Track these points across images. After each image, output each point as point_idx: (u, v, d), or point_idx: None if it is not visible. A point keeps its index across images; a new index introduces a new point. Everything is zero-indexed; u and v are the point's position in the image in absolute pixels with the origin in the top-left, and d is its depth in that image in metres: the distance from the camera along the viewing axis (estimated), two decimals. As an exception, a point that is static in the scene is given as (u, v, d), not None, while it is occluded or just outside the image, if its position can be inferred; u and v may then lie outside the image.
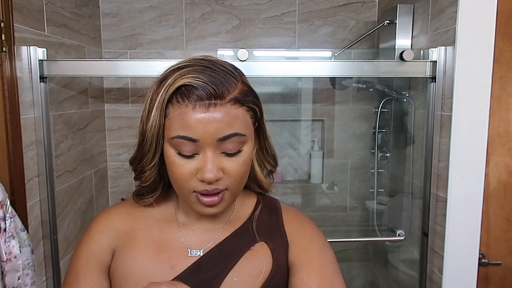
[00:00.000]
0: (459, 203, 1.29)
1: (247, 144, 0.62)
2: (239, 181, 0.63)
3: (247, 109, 0.62)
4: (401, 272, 1.72)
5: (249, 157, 0.63)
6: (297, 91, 2.02)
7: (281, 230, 0.72)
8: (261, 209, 0.74)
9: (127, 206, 0.74)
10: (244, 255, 0.67)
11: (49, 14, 1.35)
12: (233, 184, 0.62)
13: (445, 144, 1.31)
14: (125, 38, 1.88)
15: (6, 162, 1.10)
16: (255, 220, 0.71)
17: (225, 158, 0.61)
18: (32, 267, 1.09)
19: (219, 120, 0.57)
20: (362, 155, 2.03)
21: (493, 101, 1.25)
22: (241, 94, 0.61)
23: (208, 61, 0.62)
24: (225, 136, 0.58)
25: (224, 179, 0.61)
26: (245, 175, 0.64)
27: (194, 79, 0.58)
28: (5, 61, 1.09)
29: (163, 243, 0.68)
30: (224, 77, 0.59)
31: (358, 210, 2.06)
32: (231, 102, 0.59)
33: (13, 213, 1.05)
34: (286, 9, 1.92)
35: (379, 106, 1.86)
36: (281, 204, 0.77)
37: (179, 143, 0.59)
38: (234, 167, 0.61)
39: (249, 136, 0.62)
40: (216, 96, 0.58)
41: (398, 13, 1.58)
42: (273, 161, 0.74)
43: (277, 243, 0.70)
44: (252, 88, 0.65)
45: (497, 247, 1.33)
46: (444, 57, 1.31)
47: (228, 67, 0.62)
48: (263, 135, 0.69)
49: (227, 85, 0.59)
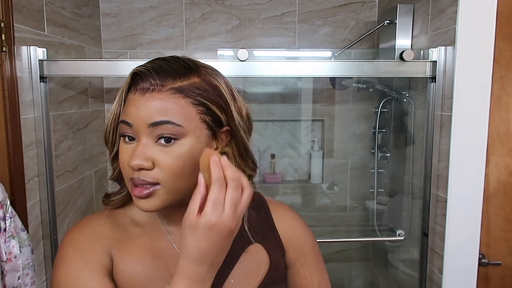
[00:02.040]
0: (459, 203, 1.29)
1: (187, 138, 0.59)
2: (175, 176, 0.58)
3: (194, 102, 0.59)
4: (401, 272, 1.72)
5: (189, 153, 0.59)
6: (297, 91, 2.02)
7: (273, 229, 0.73)
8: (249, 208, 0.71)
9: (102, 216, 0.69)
10: (240, 258, 0.67)
11: (49, 14, 1.35)
12: (165, 179, 0.58)
13: (445, 144, 1.31)
14: (125, 38, 1.88)
15: (6, 162, 1.10)
16: (245, 220, 0.69)
17: (159, 149, 0.58)
18: (32, 267, 1.09)
19: (151, 106, 0.57)
20: (362, 155, 2.03)
21: (493, 101, 1.25)
22: (189, 87, 0.59)
23: (173, 57, 0.63)
24: (156, 122, 0.57)
25: (154, 172, 0.58)
26: (181, 172, 0.59)
27: (142, 68, 0.60)
28: (5, 61, 1.09)
29: (157, 250, 0.67)
30: (173, 68, 0.60)
31: (358, 210, 2.07)
32: (171, 91, 0.58)
33: (13, 213, 1.05)
34: (286, 9, 1.92)
35: (379, 106, 1.86)
36: (266, 199, 0.77)
37: (121, 128, 0.60)
38: (166, 159, 0.58)
39: (190, 130, 0.59)
40: (155, 83, 0.58)
41: (398, 13, 1.58)
42: (252, 165, 0.70)
43: (272, 243, 0.71)
44: (219, 88, 0.62)
45: (497, 247, 1.33)
46: (444, 57, 1.31)
47: (188, 61, 0.62)
48: (237, 138, 0.65)
49: (172, 75, 0.59)
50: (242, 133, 0.65)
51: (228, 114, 0.63)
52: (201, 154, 0.56)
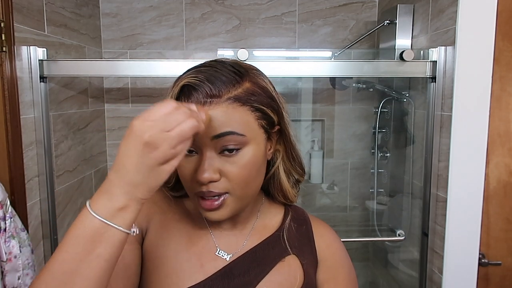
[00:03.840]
0: (459, 203, 1.29)
1: (250, 146, 0.59)
2: (242, 185, 0.60)
3: (251, 109, 0.59)
4: (401, 272, 1.72)
5: (253, 159, 0.60)
6: (297, 91, 2.02)
7: (311, 244, 0.71)
8: (291, 218, 0.72)
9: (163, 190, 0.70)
10: (276, 265, 0.66)
11: (49, 14, 1.35)
12: (234, 188, 0.59)
13: (445, 144, 1.31)
14: (125, 38, 1.88)
15: (6, 162, 1.10)
16: (285, 230, 0.70)
17: (224, 160, 0.58)
18: (32, 267, 1.09)
19: (213, 118, 0.57)
20: (362, 155, 2.03)
21: (493, 101, 1.25)
22: (244, 93, 0.59)
23: (217, 62, 0.61)
24: (219, 134, 0.57)
25: (222, 182, 0.59)
26: (248, 179, 0.60)
27: (193, 79, 0.58)
28: (5, 61, 1.09)
29: (195, 236, 0.67)
30: (225, 75, 0.59)
31: (358, 210, 2.06)
32: (230, 101, 0.58)
33: (13, 213, 1.05)
34: (286, 9, 1.92)
35: (379, 106, 1.86)
36: (309, 215, 0.76)
37: None
38: (232, 169, 0.58)
39: (251, 138, 0.59)
40: (212, 95, 0.57)
41: (398, 13, 1.58)
42: (300, 169, 0.71)
43: (308, 258, 0.69)
44: (268, 89, 0.63)
45: (497, 247, 1.33)
46: (444, 57, 1.31)
47: (235, 66, 0.61)
48: (287, 141, 0.66)
49: (227, 84, 0.58)
50: (290, 130, 0.66)
51: (279, 114, 0.64)
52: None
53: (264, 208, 0.73)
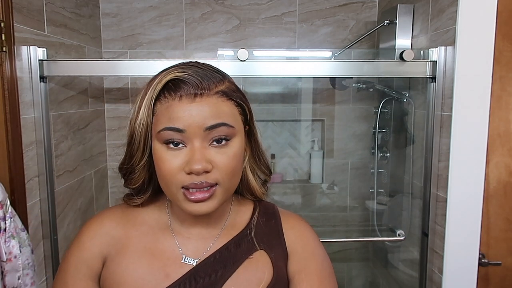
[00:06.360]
0: (459, 203, 1.29)
1: (237, 138, 0.62)
2: (230, 175, 0.61)
3: (235, 103, 0.62)
4: (401, 272, 1.72)
5: (239, 151, 0.62)
6: (297, 91, 2.02)
7: (281, 238, 0.71)
8: (258, 214, 0.72)
9: (120, 210, 0.72)
10: (243, 263, 0.66)
11: (49, 14, 1.35)
12: (223, 178, 0.60)
13: (445, 144, 1.31)
14: (125, 38, 1.88)
15: (6, 162, 1.10)
16: (253, 227, 0.70)
17: (214, 151, 0.60)
18: (32, 267, 1.09)
19: (206, 109, 0.58)
20: (362, 155, 2.03)
21: (493, 101, 1.25)
22: (228, 90, 0.62)
23: (195, 62, 0.64)
24: (213, 125, 0.59)
25: (213, 173, 0.59)
26: (235, 170, 0.62)
27: (180, 73, 0.60)
28: (5, 61, 1.09)
29: (157, 251, 0.67)
30: (210, 73, 0.61)
31: (358, 210, 2.06)
32: (218, 94, 0.60)
33: (13, 213, 1.05)
34: (286, 9, 1.92)
35: (379, 106, 1.86)
36: (279, 209, 0.76)
37: (166, 136, 0.59)
38: (223, 159, 0.60)
39: (238, 130, 0.62)
40: (202, 87, 0.59)
41: (398, 13, 1.58)
42: (266, 170, 0.72)
43: (277, 252, 0.69)
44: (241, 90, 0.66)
45: (497, 247, 1.33)
46: (444, 57, 1.31)
47: (214, 67, 0.64)
48: (254, 140, 0.69)
49: (213, 79, 0.61)
50: (257, 131, 0.68)
51: (250, 113, 0.67)
52: None
53: (235, 206, 0.73)
